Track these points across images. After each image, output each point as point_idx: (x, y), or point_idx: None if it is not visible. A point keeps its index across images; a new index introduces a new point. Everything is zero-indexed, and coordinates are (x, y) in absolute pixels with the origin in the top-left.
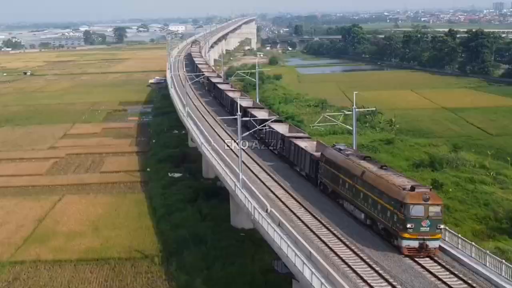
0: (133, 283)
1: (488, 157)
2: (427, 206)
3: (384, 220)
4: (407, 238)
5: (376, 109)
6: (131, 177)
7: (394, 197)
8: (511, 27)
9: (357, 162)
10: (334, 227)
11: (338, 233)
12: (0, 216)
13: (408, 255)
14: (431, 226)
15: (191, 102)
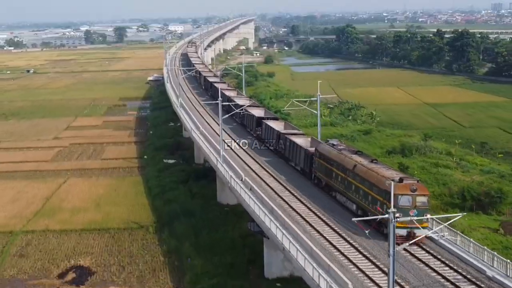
0: (129, 247)
1: (455, 145)
2: (415, 197)
3: (374, 210)
4: (396, 226)
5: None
6: (129, 163)
7: (383, 188)
8: (507, 28)
9: (349, 156)
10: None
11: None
12: (12, 195)
13: (397, 242)
14: (418, 215)
15: (185, 95)
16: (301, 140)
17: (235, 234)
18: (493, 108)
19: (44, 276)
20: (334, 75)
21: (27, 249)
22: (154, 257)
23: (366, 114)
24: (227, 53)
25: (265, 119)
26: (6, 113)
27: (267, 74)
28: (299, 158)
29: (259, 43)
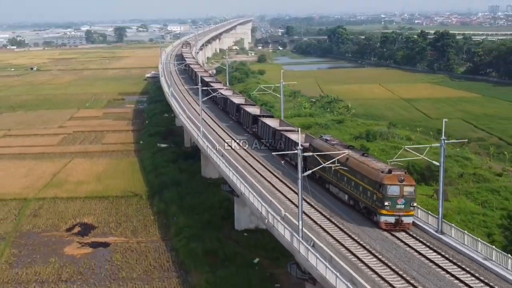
0: (125, 210)
1: (417, 132)
2: (402, 187)
3: (365, 199)
4: (384, 214)
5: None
6: (127, 147)
7: (373, 179)
8: (500, 30)
9: (342, 150)
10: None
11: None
12: (24, 172)
13: (386, 229)
14: (405, 204)
15: (177, 87)
16: (295, 136)
17: (214, 199)
18: (463, 102)
19: (54, 230)
20: (323, 73)
21: (40, 211)
22: (145, 216)
23: (343, 106)
24: (223, 53)
25: (261, 116)
26: (13, 106)
27: (258, 72)
28: (293, 153)
29: (255, 43)
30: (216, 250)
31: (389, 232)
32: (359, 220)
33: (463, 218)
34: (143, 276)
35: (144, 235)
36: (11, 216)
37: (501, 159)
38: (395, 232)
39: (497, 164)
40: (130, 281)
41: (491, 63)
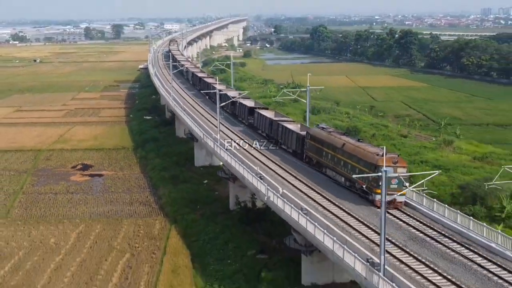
0: (115, 157)
1: (356, 109)
2: (396, 168)
3: (361, 180)
4: (379, 193)
5: (293, 82)
6: (119, 119)
7: (369, 162)
8: (484, 31)
9: (338, 137)
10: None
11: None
12: (36, 134)
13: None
14: (398, 183)
15: (161, 71)
16: (292, 126)
17: (181, 149)
18: (410, 90)
19: (62, 167)
20: (300, 67)
21: (51, 157)
22: (130, 160)
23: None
24: (213, 49)
25: (257, 108)
26: (22, 89)
27: (239, 64)
28: (290, 141)
29: (245, 41)
30: (178, 175)
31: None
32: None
33: None
34: (126, 191)
35: (128, 170)
36: (30, 160)
37: (416, 128)
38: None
39: (408, 130)
40: (117, 193)
41: (446, 58)
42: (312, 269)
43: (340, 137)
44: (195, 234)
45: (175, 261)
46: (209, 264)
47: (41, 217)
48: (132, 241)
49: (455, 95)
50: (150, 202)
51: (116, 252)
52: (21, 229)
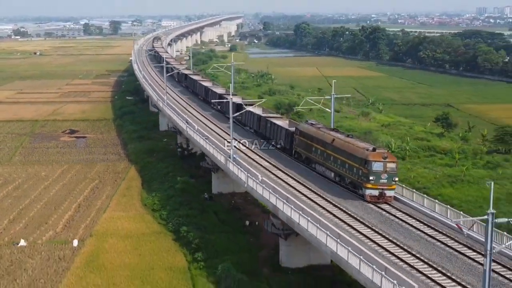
0: (98, 125)
1: (309, 92)
2: (385, 163)
3: (351, 175)
4: (369, 188)
5: (261, 70)
6: (105, 99)
7: (359, 157)
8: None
9: (328, 132)
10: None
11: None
12: (34, 109)
13: (370, 201)
14: (388, 178)
15: (143, 63)
16: (281, 122)
17: (151, 119)
18: (367, 79)
19: (54, 132)
20: (279, 60)
21: (45, 125)
22: (110, 127)
23: (269, 78)
24: (203, 44)
25: (245, 105)
26: (23, 77)
27: (221, 56)
28: (279, 137)
29: (234, 36)
30: (144, 135)
31: (373, 203)
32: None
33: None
34: (103, 146)
35: (107, 134)
36: (28, 127)
37: (350, 106)
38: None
39: (341, 107)
40: (95, 148)
41: (407, 52)
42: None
43: (329, 132)
44: (148, 169)
45: (130, 184)
46: (153, 184)
47: (35, 161)
48: (101, 174)
49: (404, 83)
50: (119, 153)
51: (88, 180)
52: (20, 168)
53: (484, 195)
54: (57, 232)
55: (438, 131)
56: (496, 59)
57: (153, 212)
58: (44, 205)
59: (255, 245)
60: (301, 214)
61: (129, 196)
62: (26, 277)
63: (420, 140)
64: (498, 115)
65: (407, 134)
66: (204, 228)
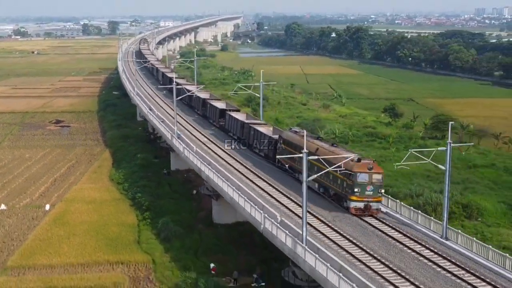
0: (82, 116)
1: (283, 88)
2: (371, 174)
3: (336, 187)
4: (354, 200)
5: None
6: (93, 94)
7: (344, 168)
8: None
9: (312, 141)
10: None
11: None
12: (26, 102)
13: (355, 214)
14: (374, 190)
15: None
16: (264, 129)
17: (132, 110)
18: (344, 76)
19: (42, 122)
20: (266, 59)
21: (34, 116)
22: (93, 118)
23: (249, 75)
24: (197, 43)
25: (228, 110)
26: (19, 74)
27: (210, 55)
28: (263, 144)
29: (228, 36)
30: (122, 124)
31: (358, 216)
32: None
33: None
34: (84, 134)
35: (90, 124)
36: (19, 118)
37: (318, 99)
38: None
39: (307, 100)
40: (77, 135)
41: (388, 51)
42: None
43: (314, 141)
44: (120, 152)
45: (102, 163)
46: (122, 164)
47: (21, 146)
48: (79, 156)
49: (378, 80)
50: (98, 139)
51: (66, 160)
52: (8, 151)
53: (401, 171)
54: (33, 199)
55: (386, 121)
56: (467, 57)
57: (118, 185)
58: (25, 179)
59: (196, 208)
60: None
61: (99, 172)
62: (3, 231)
63: (367, 128)
64: (451, 108)
65: (358, 123)
66: (157, 195)
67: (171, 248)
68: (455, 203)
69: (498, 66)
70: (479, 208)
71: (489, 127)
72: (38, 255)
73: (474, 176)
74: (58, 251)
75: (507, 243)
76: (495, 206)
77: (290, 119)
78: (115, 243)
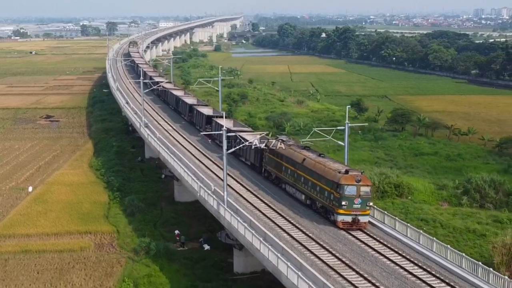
0: (72, 112)
1: (266, 85)
2: (359, 187)
3: (322, 199)
4: (342, 213)
5: (232, 67)
6: (85, 92)
7: (331, 179)
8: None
9: (298, 151)
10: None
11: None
12: (19, 99)
13: (343, 228)
14: (362, 203)
15: (115, 59)
16: (251, 137)
17: (117, 106)
18: (327, 75)
19: (33, 117)
20: (258, 58)
21: (26, 112)
22: (81, 113)
23: (236, 74)
24: (192, 44)
25: (214, 117)
26: (15, 73)
27: (201, 55)
28: (249, 153)
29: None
30: (107, 119)
31: (345, 230)
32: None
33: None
34: (71, 127)
35: (78, 118)
36: (12, 113)
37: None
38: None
39: (285, 96)
40: (65, 128)
41: (372, 51)
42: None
43: (301, 151)
44: (101, 143)
45: (84, 153)
46: (101, 153)
47: (12, 138)
48: (64, 147)
49: (359, 78)
50: (84, 132)
51: (51, 151)
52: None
53: (353, 157)
54: (18, 183)
55: (353, 115)
56: (446, 57)
57: (95, 171)
58: (12, 167)
59: (162, 189)
60: (172, 157)
61: (80, 160)
62: None
63: (333, 121)
64: (420, 104)
65: (326, 117)
66: (129, 178)
67: (134, 221)
68: (388, 183)
69: (474, 65)
70: (410, 188)
71: (443, 121)
72: (17, 227)
73: (417, 163)
74: (36, 223)
75: (424, 215)
76: (425, 187)
77: (263, 114)
78: (86, 217)
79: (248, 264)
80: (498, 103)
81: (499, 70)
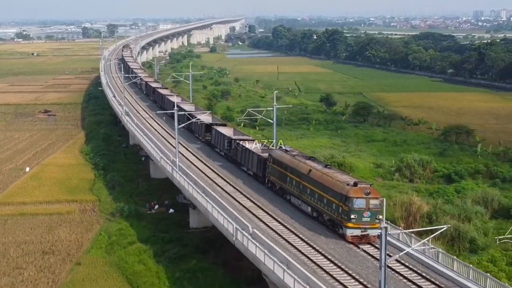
0: (69, 108)
1: (253, 84)
2: (368, 200)
3: (330, 212)
4: (351, 227)
5: (221, 67)
6: (82, 90)
7: (339, 192)
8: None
9: (303, 161)
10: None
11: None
12: (19, 96)
13: (352, 242)
14: (371, 216)
15: (108, 59)
16: (253, 146)
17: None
18: (312, 74)
19: (32, 112)
20: (252, 59)
21: (26, 108)
22: (77, 108)
23: (224, 73)
24: (190, 45)
25: (214, 125)
26: (16, 73)
27: (196, 56)
28: (251, 163)
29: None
30: (99, 112)
31: (354, 244)
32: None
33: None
34: (67, 120)
35: (73, 113)
36: (12, 109)
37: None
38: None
39: (265, 93)
40: (61, 121)
41: (358, 51)
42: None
43: (306, 161)
44: (93, 133)
45: (76, 141)
46: (92, 142)
47: (12, 130)
48: (59, 136)
49: (341, 77)
50: (77, 124)
51: (48, 139)
52: (0, 133)
53: (311, 144)
54: (17, 165)
55: (323, 109)
56: (424, 57)
57: (85, 155)
58: (12, 152)
59: (141, 169)
60: (146, 140)
61: (72, 147)
62: None
63: (303, 114)
64: (390, 100)
65: (299, 110)
66: (113, 160)
67: (114, 193)
68: (332, 162)
69: (450, 64)
70: (352, 167)
71: (409, 115)
72: (15, 197)
73: (367, 147)
74: (30, 194)
75: None
76: (365, 166)
77: (240, 107)
78: (73, 190)
79: (200, 220)
80: (463, 99)
81: (471, 70)
